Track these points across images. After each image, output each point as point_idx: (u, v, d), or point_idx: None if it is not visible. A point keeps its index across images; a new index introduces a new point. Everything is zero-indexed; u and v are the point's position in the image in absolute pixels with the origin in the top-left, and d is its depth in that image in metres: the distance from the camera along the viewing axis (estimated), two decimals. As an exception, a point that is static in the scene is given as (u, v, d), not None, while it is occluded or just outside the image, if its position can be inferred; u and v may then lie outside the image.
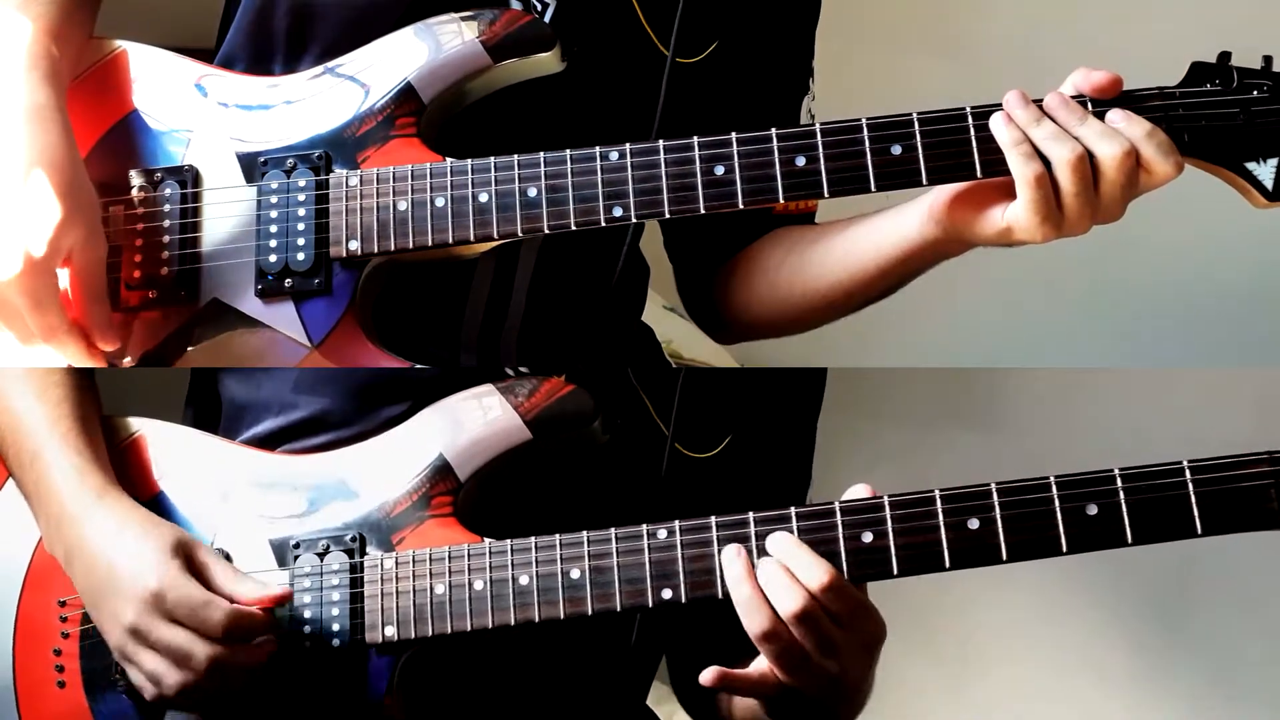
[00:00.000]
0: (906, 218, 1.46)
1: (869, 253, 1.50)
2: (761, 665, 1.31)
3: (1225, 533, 1.28)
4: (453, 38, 1.43)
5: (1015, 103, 1.35)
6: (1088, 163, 1.33)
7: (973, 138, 1.35)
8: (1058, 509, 1.28)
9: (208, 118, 1.45)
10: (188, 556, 1.35)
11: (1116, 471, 1.28)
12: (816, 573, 1.28)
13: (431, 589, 1.36)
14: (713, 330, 1.71)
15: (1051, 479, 1.29)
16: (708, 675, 1.30)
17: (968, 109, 1.36)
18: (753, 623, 1.28)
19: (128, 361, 1.42)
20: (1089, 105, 1.35)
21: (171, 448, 1.47)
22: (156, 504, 1.43)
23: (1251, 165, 1.36)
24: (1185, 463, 1.28)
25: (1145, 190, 1.36)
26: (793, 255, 1.58)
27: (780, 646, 1.28)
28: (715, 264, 1.66)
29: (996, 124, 1.35)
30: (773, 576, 1.29)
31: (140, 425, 1.48)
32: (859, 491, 1.33)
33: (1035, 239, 1.36)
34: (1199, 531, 1.27)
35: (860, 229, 1.52)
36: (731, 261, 1.64)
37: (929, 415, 2.64)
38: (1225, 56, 1.37)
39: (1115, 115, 1.34)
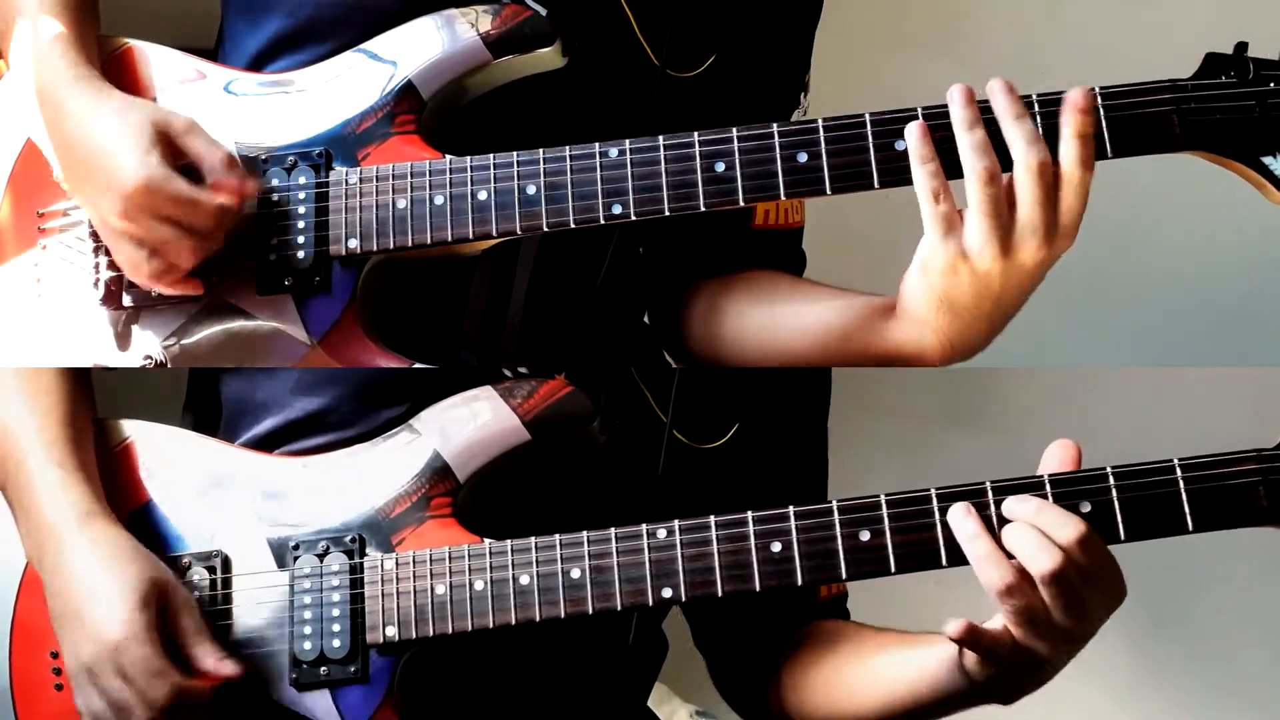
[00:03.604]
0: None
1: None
2: (997, 624, 1.27)
3: (1215, 529, 1.28)
4: (454, 34, 1.43)
5: (959, 99, 1.32)
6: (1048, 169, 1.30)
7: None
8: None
9: (209, 115, 1.45)
10: (162, 603, 1.35)
11: (1109, 470, 1.29)
12: (1068, 528, 1.25)
13: (432, 589, 1.36)
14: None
15: (1045, 477, 1.29)
16: (956, 627, 1.27)
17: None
18: (994, 578, 1.25)
19: (130, 359, 1.43)
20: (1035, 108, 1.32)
21: (167, 451, 1.47)
22: (145, 513, 1.43)
23: (1268, 160, 1.34)
24: (1176, 461, 1.28)
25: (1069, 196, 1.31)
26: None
27: (1024, 603, 1.24)
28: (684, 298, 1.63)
29: (954, 99, 1.32)
30: (1024, 537, 1.25)
31: (133, 430, 1.48)
32: (1058, 452, 1.31)
33: (984, 262, 1.30)
34: (1190, 528, 1.28)
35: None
36: None
37: (927, 414, 2.63)
38: (1242, 47, 1.34)
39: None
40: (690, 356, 1.64)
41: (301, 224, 1.41)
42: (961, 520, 1.28)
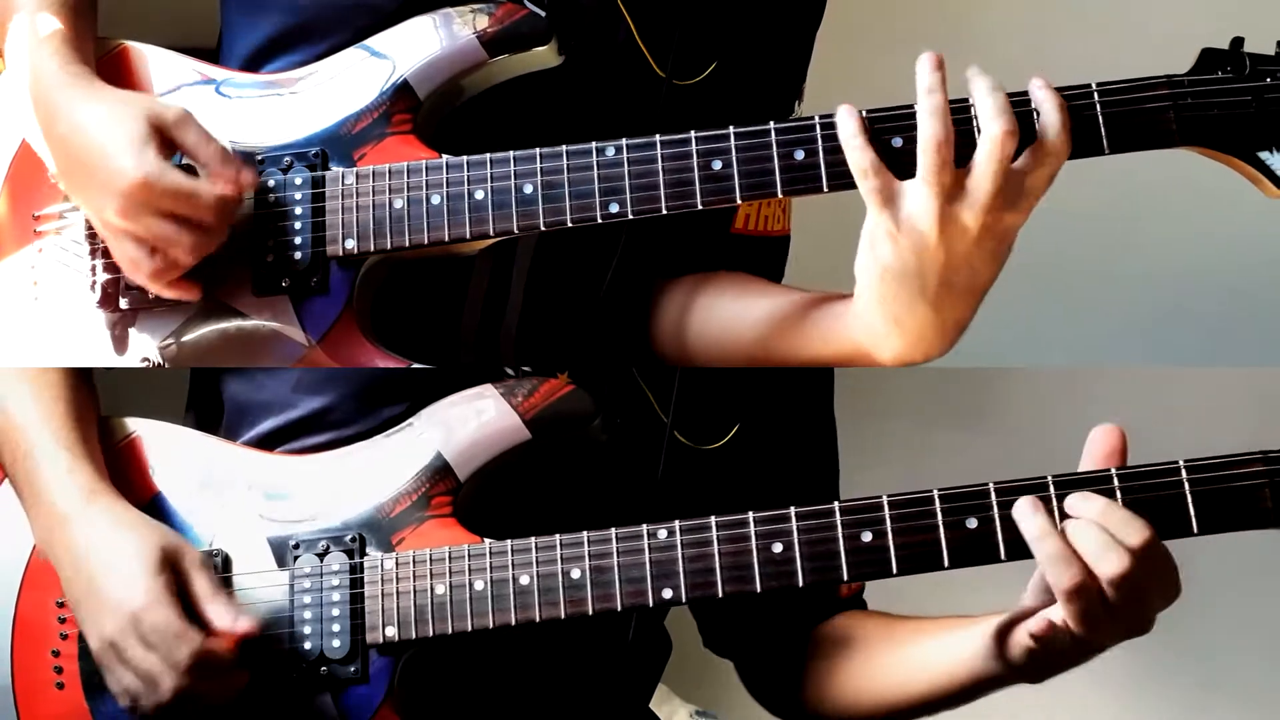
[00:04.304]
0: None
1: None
2: (1051, 617, 1.27)
3: (1220, 531, 1.28)
4: (450, 32, 1.43)
5: (927, 63, 1.31)
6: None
7: (975, 127, 1.31)
8: (1055, 508, 1.28)
9: (205, 116, 1.45)
10: (174, 566, 1.35)
11: (1113, 471, 1.28)
12: (1136, 530, 1.24)
13: (432, 589, 1.36)
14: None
15: (1049, 478, 1.29)
16: (1040, 627, 1.26)
17: (970, 99, 1.33)
18: (1063, 578, 1.23)
19: (128, 361, 1.43)
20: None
21: (169, 448, 1.47)
22: (154, 505, 1.43)
23: (1264, 155, 1.33)
24: (1181, 462, 1.28)
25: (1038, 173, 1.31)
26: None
27: (1089, 603, 1.23)
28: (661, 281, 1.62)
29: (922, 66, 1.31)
30: (1092, 537, 1.24)
31: (137, 426, 1.48)
32: (1104, 440, 1.30)
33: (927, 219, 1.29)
34: (1195, 530, 1.27)
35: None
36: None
37: (927, 415, 2.63)
38: (1238, 42, 1.34)
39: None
40: (657, 357, 1.63)
41: (298, 224, 1.41)
42: (1029, 516, 1.26)
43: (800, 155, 1.35)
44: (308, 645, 1.37)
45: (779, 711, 1.64)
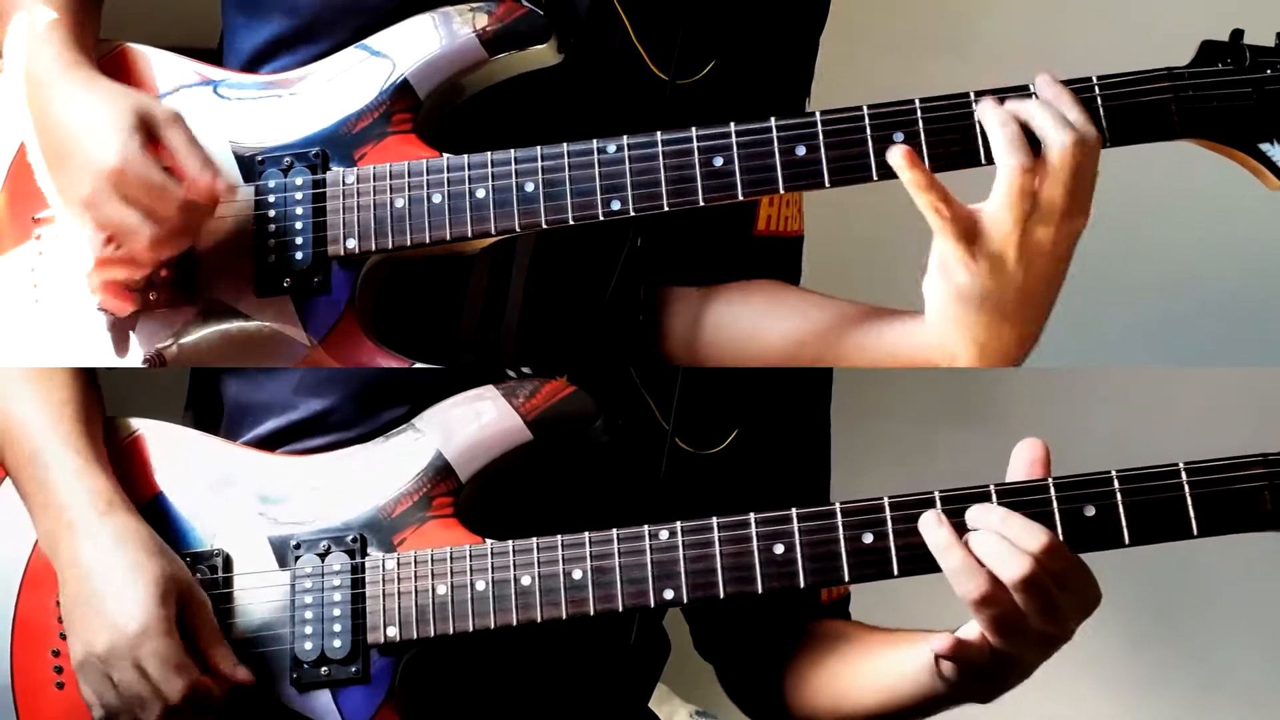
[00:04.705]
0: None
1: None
2: (973, 631, 1.27)
3: (1220, 534, 1.28)
4: (449, 31, 1.43)
5: (991, 102, 1.32)
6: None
7: (977, 122, 1.32)
8: (1055, 510, 1.28)
9: (204, 117, 1.45)
10: (180, 599, 1.35)
11: (1114, 473, 1.28)
12: (1035, 536, 1.24)
13: (433, 589, 1.36)
14: None
15: (1049, 480, 1.28)
16: (943, 644, 1.27)
17: (971, 93, 1.33)
18: (969, 588, 1.24)
19: (129, 362, 1.43)
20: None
21: (171, 448, 1.47)
22: (156, 505, 1.43)
23: (1265, 146, 1.33)
24: (1181, 464, 1.27)
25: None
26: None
27: (1000, 611, 1.24)
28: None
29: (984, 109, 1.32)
30: (991, 545, 1.25)
31: (140, 425, 1.48)
32: (1027, 450, 1.31)
33: (1008, 240, 1.30)
34: (1195, 533, 1.27)
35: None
36: None
37: (929, 415, 2.63)
38: (1238, 34, 1.34)
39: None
40: (667, 358, 1.62)
41: (299, 225, 1.41)
42: (933, 530, 1.27)
43: (802, 151, 1.35)
44: (308, 645, 1.37)
45: (759, 717, 1.64)
